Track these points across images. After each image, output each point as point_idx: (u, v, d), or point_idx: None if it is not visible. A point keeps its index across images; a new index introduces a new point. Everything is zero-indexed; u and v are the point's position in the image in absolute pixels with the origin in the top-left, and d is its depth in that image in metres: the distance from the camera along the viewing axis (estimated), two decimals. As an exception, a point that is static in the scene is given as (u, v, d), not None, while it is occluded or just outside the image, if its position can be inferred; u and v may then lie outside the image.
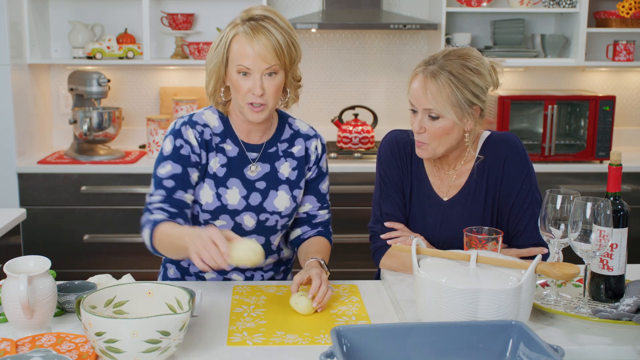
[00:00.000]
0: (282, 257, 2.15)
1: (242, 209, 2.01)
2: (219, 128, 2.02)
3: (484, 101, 1.94)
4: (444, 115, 1.91)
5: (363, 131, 3.92)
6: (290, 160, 2.06)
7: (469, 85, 1.90)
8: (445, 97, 1.89)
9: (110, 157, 3.75)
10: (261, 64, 1.87)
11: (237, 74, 1.89)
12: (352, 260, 3.73)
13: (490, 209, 2.04)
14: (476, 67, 1.91)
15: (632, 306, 1.66)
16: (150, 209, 1.95)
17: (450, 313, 1.54)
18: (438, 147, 1.96)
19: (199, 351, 1.58)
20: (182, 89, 4.14)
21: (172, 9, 4.03)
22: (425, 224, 2.07)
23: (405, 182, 2.09)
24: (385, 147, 2.12)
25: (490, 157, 2.03)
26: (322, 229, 2.13)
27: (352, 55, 4.20)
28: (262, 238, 2.05)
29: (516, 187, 2.01)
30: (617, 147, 4.07)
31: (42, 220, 3.63)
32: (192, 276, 2.11)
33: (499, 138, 2.06)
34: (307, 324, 1.73)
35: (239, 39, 1.89)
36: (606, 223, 1.63)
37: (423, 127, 1.94)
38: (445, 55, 1.94)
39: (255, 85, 1.88)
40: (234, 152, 2.02)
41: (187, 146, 1.97)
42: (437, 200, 2.06)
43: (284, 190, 2.04)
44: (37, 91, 3.89)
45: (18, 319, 1.60)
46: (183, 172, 1.96)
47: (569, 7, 3.89)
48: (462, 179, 2.06)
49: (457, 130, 1.95)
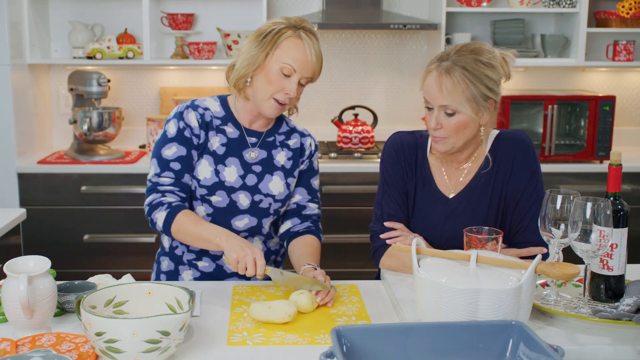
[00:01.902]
0: (270, 245, 2.19)
1: (239, 187, 2.07)
2: (221, 113, 2.10)
3: (497, 94, 1.96)
4: (460, 110, 1.92)
5: (363, 131, 3.92)
6: (286, 151, 2.14)
7: (483, 79, 1.91)
8: (460, 93, 1.90)
9: (110, 157, 3.75)
10: (306, 71, 1.98)
11: (279, 70, 1.96)
12: (352, 260, 3.73)
13: (496, 207, 2.05)
14: (489, 60, 1.93)
15: (632, 306, 1.66)
16: (161, 190, 2.02)
17: (450, 313, 1.54)
18: (456, 142, 1.98)
19: (199, 351, 1.58)
20: (182, 89, 4.14)
21: (172, 9, 4.03)
22: (429, 222, 2.08)
23: (409, 183, 2.10)
24: (389, 148, 2.13)
25: (499, 155, 2.05)
26: (311, 225, 2.16)
27: (352, 55, 4.20)
28: (254, 219, 2.10)
29: (523, 184, 2.03)
30: (617, 147, 4.07)
31: (42, 220, 3.63)
32: (186, 265, 2.15)
33: (508, 136, 2.08)
34: (307, 324, 1.73)
35: (295, 42, 1.97)
36: (606, 223, 1.63)
37: (440, 124, 1.95)
38: (457, 51, 1.95)
39: (292, 87, 1.97)
40: (235, 134, 2.09)
41: (188, 129, 2.04)
42: (442, 198, 2.07)
43: (279, 176, 2.11)
44: (37, 91, 3.89)
45: (18, 319, 1.60)
46: (187, 154, 2.04)
47: (569, 7, 3.89)
48: (469, 176, 2.07)
49: (474, 124, 1.96)
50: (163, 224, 1.99)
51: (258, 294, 1.93)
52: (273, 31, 1.97)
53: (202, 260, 2.13)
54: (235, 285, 2.00)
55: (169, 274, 2.17)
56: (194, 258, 2.13)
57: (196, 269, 2.14)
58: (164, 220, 1.98)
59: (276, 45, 1.97)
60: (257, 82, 2.00)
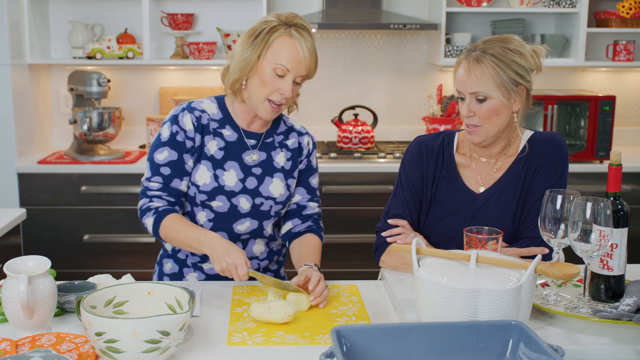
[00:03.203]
0: (272, 246, 2.18)
1: (239, 191, 2.06)
2: (218, 115, 2.08)
3: (528, 81, 1.98)
4: (490, 95, 1.95)
5: (363, 131, 3.92)
6: (285, 151, 2.13)
7: (512, 65, 1.94)
8: (489, 78, 1.93)
9: (110, 157, 3.75)
10: (300, 70, 1.95)
11: (273, 71, 1.94)
12: (353, 260, 3.73)
13: (522, 205, 2.06)
14: (517, 48, 1.96)
15: (632, 306, 1.66)
16: (149, 195, 2.02)
17: (450, 313, 1.54)
18: (490, 129, 1.99)
19: (199, 351, 1.58)
20: (182, 89, 4.14)
21: (172, 9, 4.03)
22: (455, 219, 2.08)
23: (427, 185, 2.11)
24: (412, 150, 2.16)
25: (533, 153, 2.07)
26: (312, 224, 2.16)
27: (352, 55, 4.20)
28: (255, 222, 2.09)
29: (549, 183, 2.04)
30: (617, 147, 4.07)
31: (42, 220, 3.63)
32: (190, 267, 2.14)
33: (544, 136, 2.10)
34: (307, 324, 1.73)
35: (286, 41, 1.94)
36: (606, 223, 1.63)
37: (472, 111, 1.98)
38: (485, 42, 1.99)
39: (287, 87, 1.95)
40: (233, 137, 2.08)
41: (182, 132, 2.03)
42: (470, 195, 2.08)
43: (279, 178, 2.10)
44: (37, 91, 3.89)
45: (18, 319, 1.60)
46: (179, 159, 2.03)
47: (569, 7, 3.89)
48: (500, 172, 2.08)
49: (506, 111, 1.98)
50: (152, 229, 2.00)
51: (258, 294, 1.93)
52: (264, 31, 1.95)
53: (207, 262, 2.12)
54: (235, 285, 2.00)
55: (173, 277, 2.15)
56: (199, 261, 2.12)
57: (201, 272, 2.13)
58: (152, 225, 1.99)
59: (267, 45, 1.94)
60: (251, 85, 1.99)
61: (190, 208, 2.08)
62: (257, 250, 2.14)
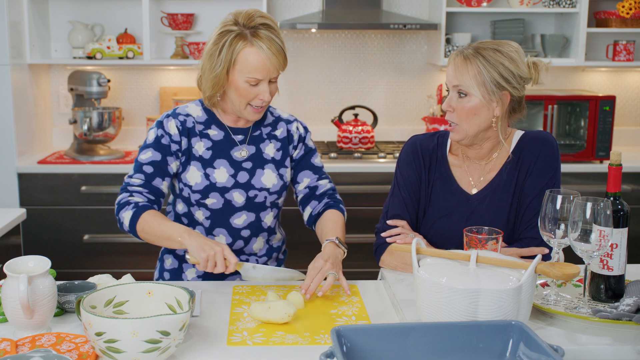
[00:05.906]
0: (272, 242, 2.19)
1: (231, 187, 2.08)
2: (203, 117, 2.12)
3: (515, 87, 1.98)
4: (470, 92, 1.96)
5: (363, 131, 3.92)
6: (274, 142, 2.15)
7: (498, 66, 1.95)
8: (472, 75, 1.95)
9: (110, 157, 3.75)
10: (271, 73, 1.98)
11: (246, 83, 1.97)
12: (353, 260, 3.71)
13: (516, 205, 2.06)
14: (509, 53, 1.97)
15: (632, 306, 1.66)
16: (130, 190, 2.04)
17: (450, 313, 1.54)
18: (469, 129, 2.00)
19: (199, 351, 1.58)
20: (182, 89, 4.14)
21: (172, 9, 4.03)
22: (451, 221, 2.08)
23: (423, 185, 2.12)
24: (406, 151, 2.16)
25: (524, 153, 2.06)
26: (329, 200, 2.17)
27: (352, 55, 4.20)
28: (252, 214, 2.11)
29: (543, 182, 2.03)
30: (617, 147, 4.07)
31: (42, 220, 3.63)
32: (189, 263, 2.15)
33: (534, 135, 2.09)
34: (307, 324, 1.73)
35: (249, 51, 1.95)
36: (606, 223, 1.63)
37: (452, 106, 2.00)
38: (481, 43, 2.01)
39: (265, 92, 1.99)
40: (220, 135, 2.10)
41: (167, 136, 2.06)
42: (464, 196, 2.08)
43: (270, 168, 2.12)
44: (37, 91, 3.89)
45: (18, 319, 1.60)
46: (162, 160, 2.06)
47: (569, 7, 3.89)
48: (492, 173, 2.08)
49: (485, 113, 1.98)
50: (129, 223, 1.99)
51: (258, 293, 1.93)
52: (225, 44, 1.95)
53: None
54: (235, 285, 2.00)
55: (172, 272, 2.18)
56: None
57: None
58: (130, 219, 1.99)
59: (233, 60, 1.96)
60: (229, 95, 2.03)
61: (187, 209, 2.12)
62: (256, 248, 2.16)
